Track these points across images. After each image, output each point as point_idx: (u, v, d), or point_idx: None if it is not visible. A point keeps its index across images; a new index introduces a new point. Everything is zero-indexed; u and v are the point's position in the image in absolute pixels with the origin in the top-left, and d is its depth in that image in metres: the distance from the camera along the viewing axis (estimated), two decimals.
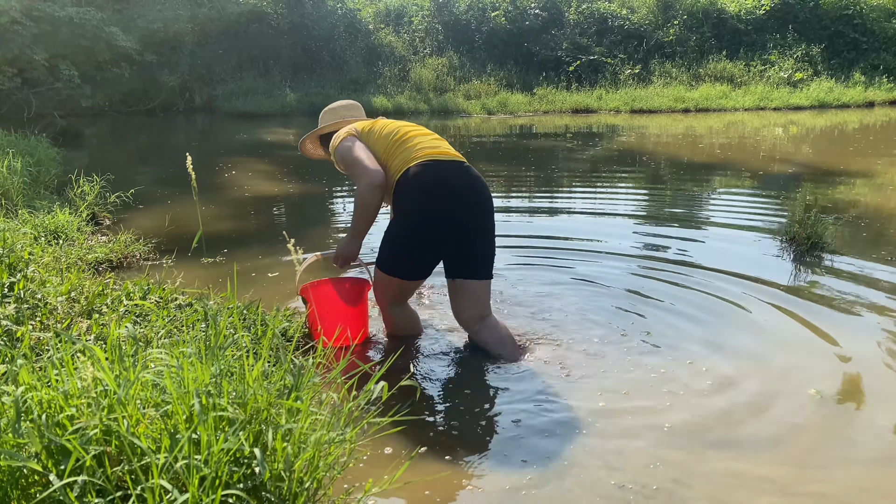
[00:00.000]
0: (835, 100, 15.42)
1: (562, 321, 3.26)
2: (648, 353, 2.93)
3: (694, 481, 2.04)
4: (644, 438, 2.27)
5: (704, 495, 1.98)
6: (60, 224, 4.27)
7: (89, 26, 14.63)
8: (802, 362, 2.84)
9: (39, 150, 6.54)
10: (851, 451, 2.21)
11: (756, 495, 1.98)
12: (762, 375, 2.73)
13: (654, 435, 2.29)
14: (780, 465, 2.13)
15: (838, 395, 2.56)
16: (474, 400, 2.56)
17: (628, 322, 3.26)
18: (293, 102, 15.94)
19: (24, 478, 1.47)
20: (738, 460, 2.16)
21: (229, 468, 1.48)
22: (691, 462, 2.14)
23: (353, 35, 19.05)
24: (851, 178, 7.09)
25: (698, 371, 2.76)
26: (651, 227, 5.22)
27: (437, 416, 2.45)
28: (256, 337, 2.56)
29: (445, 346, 3.02)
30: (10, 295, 2.62)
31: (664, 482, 2.03)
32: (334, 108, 3.30)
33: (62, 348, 1.83)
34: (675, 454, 2.18)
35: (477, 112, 15.68)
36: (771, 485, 2.02)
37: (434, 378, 2.75)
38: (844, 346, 2.96)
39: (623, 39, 18.60)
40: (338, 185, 7.26)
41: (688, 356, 2.89)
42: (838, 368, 2.78)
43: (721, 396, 2.56)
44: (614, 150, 9.84)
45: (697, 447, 2.22)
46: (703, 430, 2.32)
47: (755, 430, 2.34)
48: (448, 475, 2.08)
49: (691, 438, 2.27)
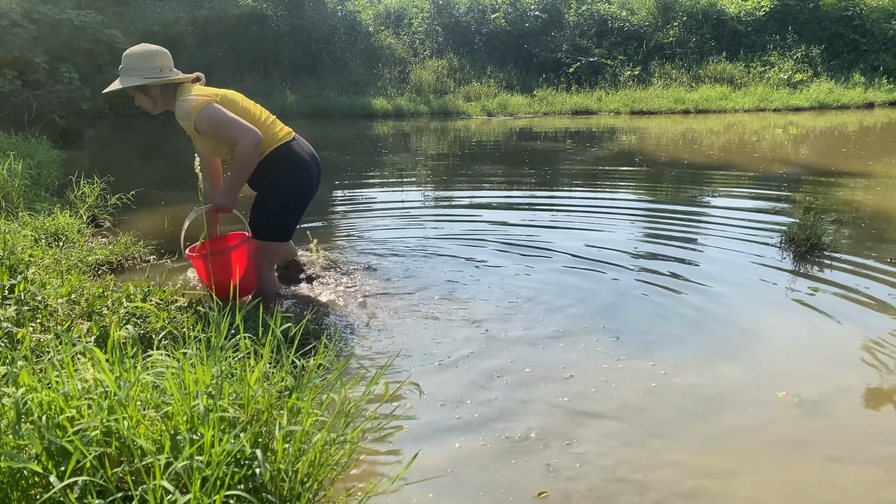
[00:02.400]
0: (835, 101, 15.44)
1: (559, 321, 3.26)
2: (644, 351, 2.93)
3: (656, 474, 2.05)
4: (640, 435, 2.27)
5: (664, 487, 1.98)
6: (61, 226, 4.27)
7: (89, 29, 14.65)
8: (788, 364, 2.84)
9: (40, 152, 6.55)
10: (813, 450, 2.23)
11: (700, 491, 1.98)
12: (741, 375, 2.73)
13: (640, 429, 2.29)
14: (730, 460, 2.15)
15: (819, 396, 2.54)
16: (475, 400, 2.55)
17: (617, 322, 3.27)
18: (293, 104, 15.95)
19: (24, 479, 1.47)
20: (695, 454, 2.16)
21: (231, 469, 1.48)
22: (651, 457, 2.16)
23: (353, 37, 19.07)
24: (851, 179, 7.09)
25: (680, 370, 2.76)
26: (650, 228, 5.22)
27: (438, 417, 2.45)
28: (257, 338, 2.56)
29: (445, 347, 3.02)
30: (10, 297, 2.62)
31: (632, 476, 2.03)
32: (152, 55, 3.15)
33: (62, 350, 1.83)
34: (644, 447, 2.18)
35: (477, 114, 15.69)
36: (714, 480, 2.03)
37: (434, 379, 2.75)
38: (837, 348, 2.97)
39: (623, 41, 18.63)
40: (337, 186, 7.27)
41: (677, 355, 2.89)
42: (823, 371, 2.77)
43: (694, 396, 2.57)
44: (614, 152, 9.85)
45: (659, 441, 2.24)
46: (667, 425, 2.33)
47: (720, 427, 2.36)
48: (449, 476, 2.07)
49: (664, 432, 2.28)
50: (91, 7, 15.71)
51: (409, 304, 3.52)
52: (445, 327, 3.23)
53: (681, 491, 2.01)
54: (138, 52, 3.17)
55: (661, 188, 7.12)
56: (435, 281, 3.88)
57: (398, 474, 1.90)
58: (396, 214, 5.73)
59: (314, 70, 18.27)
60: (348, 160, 9.35)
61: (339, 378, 1.90)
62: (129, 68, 3.16)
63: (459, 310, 3.42)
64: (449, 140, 11.88)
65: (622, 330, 3.18)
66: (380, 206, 6.17)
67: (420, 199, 6.48)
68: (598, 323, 3.26)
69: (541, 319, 3.30)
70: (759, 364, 2.84)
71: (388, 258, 4.34)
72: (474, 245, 4.67)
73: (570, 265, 4.19)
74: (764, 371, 2.78)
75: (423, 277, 3.95)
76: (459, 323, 3.26)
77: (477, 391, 2.64)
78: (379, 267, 4.14)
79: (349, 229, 5.21)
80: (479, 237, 4.89)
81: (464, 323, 3.26)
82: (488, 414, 2.46)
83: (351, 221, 5.52)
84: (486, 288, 3.75)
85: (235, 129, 3.06)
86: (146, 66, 3.13)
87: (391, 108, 15.79)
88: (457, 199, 6.56)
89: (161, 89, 3.22)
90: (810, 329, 3.20)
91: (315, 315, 3.25)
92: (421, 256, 4.38)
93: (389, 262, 4.24)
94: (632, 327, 3.23)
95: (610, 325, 3.23)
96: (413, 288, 3.76)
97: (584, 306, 3.48)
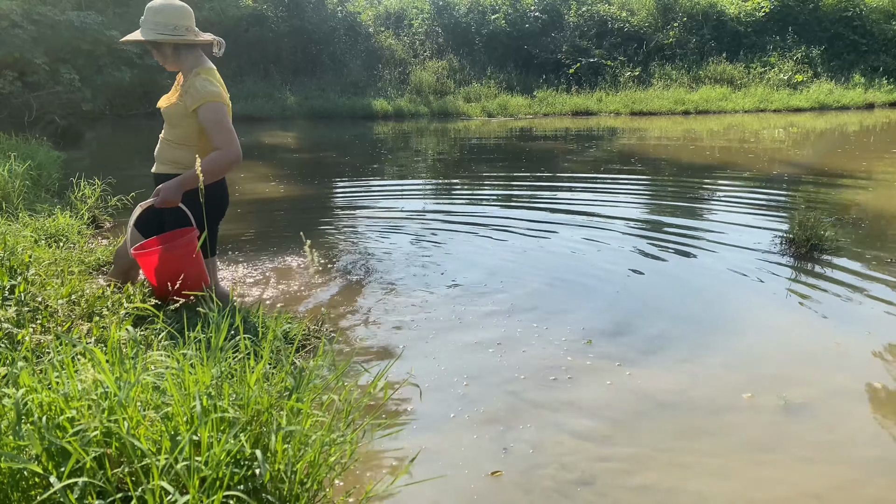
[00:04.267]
0: (835, 101, 15.43)
1: (560, 322, 3.26)
2: (640, 351, 2.93)
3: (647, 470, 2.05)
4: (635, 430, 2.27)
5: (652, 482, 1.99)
6: (61, 227, 4.27)
7: (90, 30, 14.65)
8: (780, 365, 2.84)
9: (40, 153, 6.55)
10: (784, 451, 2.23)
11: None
12: (731, 375, 2.73)
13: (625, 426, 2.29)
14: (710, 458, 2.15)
15: (806, 398, 2.54)
16: (475, 401, 2.56)
17: (618, 321, 3.27)
18: (293, 105, 15.95)
19: (24, 480, 1.47)
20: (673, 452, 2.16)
21: (230, 469, 1.48)
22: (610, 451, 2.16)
23: (353, 38, 19.08)
24: (851, 179, 7.09)
25: (664, 369, 2.76)
26: (649, 229, 5.22)
27: (438, 418, 2.45)
28: (257, 339, 2.56)
29: (445, 348, 3.02)
30: (10, 298, 2.62)
31: (618, 471, 2.04)
32: (170, 11, 3.06)
33: (63, 351, 1.83)
34: (633, 443, 2.19)
35: (477, 115, 15.69)
36: (668, 475, 2.03)
37: (434, 379, 2.75)
38: (835, 350, 2.96)
39: (623, 42, 18.62)
40: (337, 186, 7.27)
41: (671, 355, 2.89)
42: (815, 373, 2.77)
43: (671, 395, 2.58)
44: (614, 152, 9.85)
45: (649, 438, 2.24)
46: (635, 422, 2.33)
47: (689, 426, 2.37)
48: (449, 476, 2.07)
49: (632, 429, 2.29)
50: (91, 8, 15.71)
51: (408, 304, 3.52)
52: (445, 328, 3.23)
53: (630, 485, 2.03)
54: (157, 5, 3.06)
55: (660, 189, 7.12)
56: (434, 281, 3.88)
57: (398, 475, 1.90)
58: (395, 215, 5.73)
59: (314, 71, 18.27)
60: (347, 161, 9.35)
61: (338, 379, 1.90)
62: (146, 20, 3.06)
63: (459, 310, 3.42)
64: (449, 141, 11.88)
65: (623, 330, 3.18)
66: (379, 206, 6.17)
67: (420, 200, 6.48)
68: (598, 323, 3.26)
69: (541, 319, 3.30)
70: (749, 365, 2.84)
71: (387, 259, 4.35)
72: (474, 244, 4.68)
73: (569, 266, 4.19)
74: (754, 372, 2.77)
75: (423, 278, 3.95)
76: (459, 323, 3.27)
77: (477, 390, 2.64)
78: (379, 267, 4.14)
79: (349, 229, 5.21)
80: (479, 237, 4.90)
81: (464, 323, 3.26)
82: (490, 414, 2.46)
83: (350, 222, 5.52)
84: (484, 288, 3.75)
85: (228, 137, 3.02)
86: (162, 21, 3.02)
87: (391, 110, 15.80)
88: (456, 199, 6.56)
89: (173, 48, 3.10)
90: (808, 330, 3.20)
91: (314, 316, 3.25)
92: (420, 257, 4.39)
93: (389, 263, 4.24)
94: (631, 327, 3.23)
95: (610, 325, 3.23)
96: (412, 288, 3.76)
97: (585, 307, 3.48)
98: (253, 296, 3.62)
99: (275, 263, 4.26)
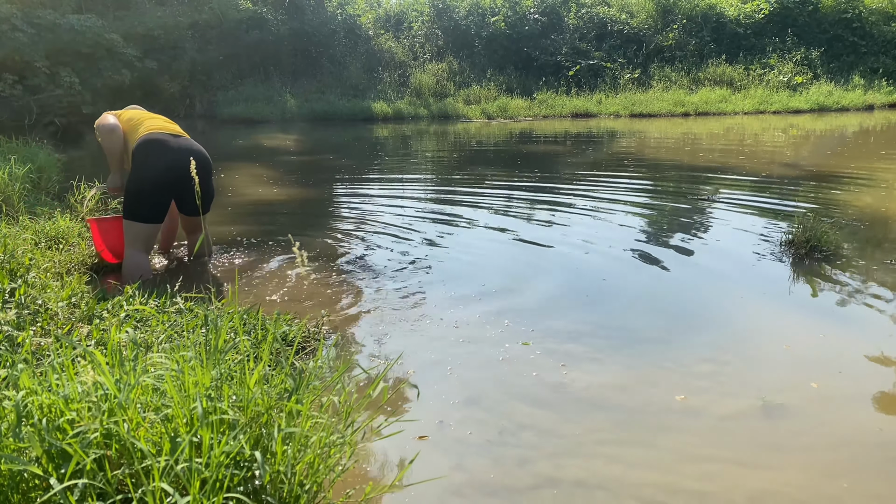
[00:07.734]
0: (834, 103, 15.46)
1: (559, 324, 3.27)
2: (639, 350, 2.93)
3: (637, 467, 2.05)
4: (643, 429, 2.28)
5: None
6: (61, 230, 4.28)
7: (90, 33, 14.69)
8: (773, 367, 2.84)
9: (41, 156, 6.56)
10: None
11: None
12: (723, 376, 2.73)
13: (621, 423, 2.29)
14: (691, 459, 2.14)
15: (785, 400, 2.53)
16: (474, 402, 2.56)
17: (618, 321, 3.27)
18: (293, 108, 15.98)
19: (24, 482, 1.48)
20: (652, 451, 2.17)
21: (230, 471, 1.48)
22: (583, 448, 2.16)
23: (353, 41, 19.13)
24: (851, 180, 7.10)
25: (658, 368, 2.76)
26: (649, 229, 5.22)
27: (438, 418, 2.45)
28: (257, 341, 2.57)
29: (444, 349, 3.03)
30: (11, 300, 2.63)
31: (612, 470, 2.04)
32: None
33: (63, 353, 1.84)
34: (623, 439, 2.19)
35: (477, 117, 15.72)
36: (632, 470, 2.04)
37: (434, 380, 2.75)
38: (833, 351, 2.97)
39: (622, 44, 18.66)
40: (336, 187, 7.28)
41: (668, 355, 2.89)
42: (807, 375, 2.76)
43: (655, 394, 2.58)
44: (613, 154, 9.86)
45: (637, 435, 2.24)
46: (609, 418, 2.33)
47: (664, 425, 2.38)
48: (448, 477, 2.08)
49: (631, 426, 2.29)
50: (91, 11, 15.75)
51: (408, 305, 3.52)
52: (445, 328, 3.23)
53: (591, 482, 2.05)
54: None
55: (660, 190, 7.13)
56: (433, 282, 3.89)
57: (398, 476, 1.90)
58: (395, 216, 5.73)
59: (314, 74, 18.31)
60: (346, 163, 9.37)
61: (337, 380, 1.90)
62: None
63: (458, 311, 3.43)
64: (449, 143, 11.90)
65: (623, 330, 3.19)
66: (378, 207, 6.17)
67: (419, 202, 6.49)
68: (598, 323, 3.26)
69: (541, 319, 3.31)
70: (740, 365, 2.84)
71: (386, 260, 4.35)
72: (474, 246, 4.68)
73: (569, 265, 4.19)
74: (746, 373, 2.77)
75: (422, 279, 3.95)
76: (458, 324, 3.27)
77: (477, 391, 2.64)
78: (378, 269, 4.14)
79: (348, 231, 5.22)
80: (479, 238, 4.90)
81: (463, 323, 3.27)
82: (490, 414, 2.46)
83: (350, 224, 5.52)
84: (483, 288, 3.76)
85: (99, 122, 3.94)
86: None
87: (391, 112, 15.83)
88: (456, 201, 6.57)
89: None
90: (805, 331, 3.20)
91: (314, 317, 3.25)
92: (419, 257, 4.39)
93: (388, 264, 4.25)
94: (630, 327, 3.23)
95: (611, 325, 3.24)
96: (411, 290, 3.76)
97: (585, 307, 3.49)
98: (252, 297, 3.62)
99: (274, 265, 4.26)
